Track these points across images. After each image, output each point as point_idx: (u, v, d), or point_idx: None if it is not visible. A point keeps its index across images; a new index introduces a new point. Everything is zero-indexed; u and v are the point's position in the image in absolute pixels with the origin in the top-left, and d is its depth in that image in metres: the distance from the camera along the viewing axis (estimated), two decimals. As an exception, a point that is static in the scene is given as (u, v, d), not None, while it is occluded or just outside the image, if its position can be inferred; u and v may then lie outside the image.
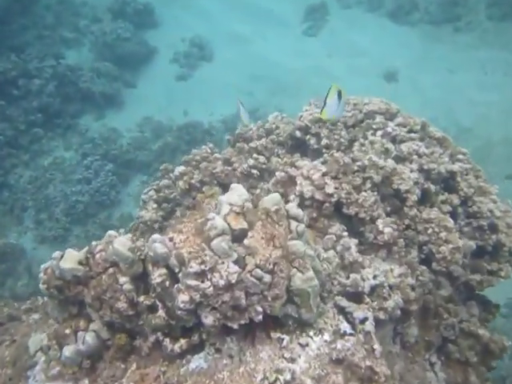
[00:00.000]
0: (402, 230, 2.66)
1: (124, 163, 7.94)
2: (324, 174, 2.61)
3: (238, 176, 2.95)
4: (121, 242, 2.21)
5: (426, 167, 2.82)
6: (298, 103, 8.50)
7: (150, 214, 3.09)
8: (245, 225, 2.12)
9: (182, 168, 3.04)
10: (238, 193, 2.29)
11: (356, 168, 2.65)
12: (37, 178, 7.88)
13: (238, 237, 2.12)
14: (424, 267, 2.60)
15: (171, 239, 2.10)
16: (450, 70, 8.44)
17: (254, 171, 2.83)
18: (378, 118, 3.08)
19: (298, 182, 2.60)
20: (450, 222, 2.65)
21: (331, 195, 2.55)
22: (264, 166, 2.86)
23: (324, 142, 2.90)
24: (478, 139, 7.16)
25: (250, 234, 2.11)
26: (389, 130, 2.91)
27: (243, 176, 2.89)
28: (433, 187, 2.80)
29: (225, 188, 3.04)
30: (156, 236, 2.09)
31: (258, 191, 2.76)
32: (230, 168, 3.01)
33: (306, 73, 8.97)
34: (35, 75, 8.82)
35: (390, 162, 2.72)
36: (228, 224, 2.12)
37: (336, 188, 2.57)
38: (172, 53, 10.27)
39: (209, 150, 3.34)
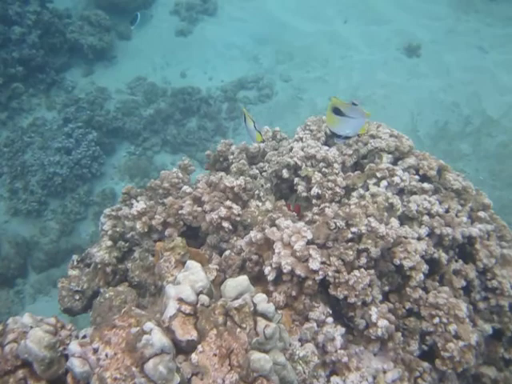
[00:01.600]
0: (400, 315, 2.22)
1: (110, 131, 7.44)
2: (309, 243, 2.14)
3: (207, 221, 2.48)
4: (36, 338, 1.78)
5: (438, 232, 2.35)
6: (306, 75, 7.88)
7: (102, 254, 2.65)
8: (194, 335, 1.70)
9: (140, 205, 2.57)
10: (192, 277, 1.85)
11: (350, 235, 2.18)
12: (14, 141, 7.39)
13: (185, 347, 1.71)
14: (426, 365, 2.17)
15: (96, 351, 1.67)
16: (482, 48, 7.72)
17: (226, 224, 2.36)
18: (385, 158, 2.58)
19: (276, 251, 2.14)
20: (463, 310, 2.19)
21: (316, 272, 2.10)
22: (238, 219, 2.38)
23: (315, 191, 2.41)
24: (505, 133, 6.58)
25: (200, 347, 1.68)
26: (396, 180, 2.41)
27: (213, 227, 2.42)
28: (444, 257, 2.34)
29: (192, 232, 2.59)
30: (74, 348, 1.66)
31: (227, 252, 2.30)
32: (199, 209, 2.54)
33: (317, 39, 8.26)
34: (16, 21, 8.17)
35: (394, 226, 2.24)
36: (173, 331, 1.70)
37: (323, 263, 2.11)
38: (172, 2, 9.52)
39: (180, 175, 2.87)
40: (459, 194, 2.57)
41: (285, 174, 2.59)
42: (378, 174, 2.43)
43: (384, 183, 2.42)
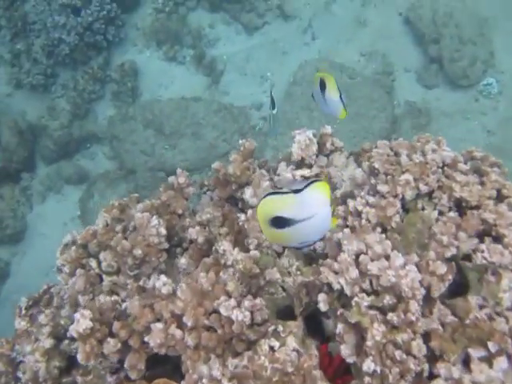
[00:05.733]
0: None
1: (130, -20, 6.12)
2: None
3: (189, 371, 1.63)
4: None
5: None
6: None
7: (36, 364, 1.89)
8: None
9: (84, 323, 1.70)
10: None
11: None
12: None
13: None
14: None
15: None
16: None
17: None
18: (507, 282, 1.55)
19: None
20: None
21: None
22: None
23: (370, 366, 1.44)
24: None
25: None
26: None
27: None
28: None
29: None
30: None
31: None
32: (179, 334, 1.67)
33: None
34: None
35: None
36: None
37: None
38: None
39: (162, 231, 1.94)
40: None
41: (322, 305, 1.60)
42: (493, 346, 1.42)
43: (502, 363, 1.42)
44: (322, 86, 1.87)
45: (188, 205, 2.22)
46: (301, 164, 2.07)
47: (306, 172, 2.03)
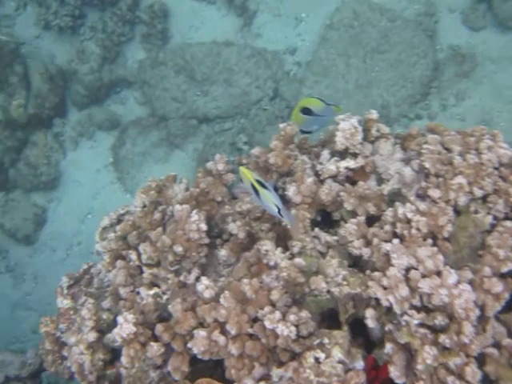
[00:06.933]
0: None
1: None
2: None
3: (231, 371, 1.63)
4: None
5: None
6: None
7: (80, 356, 1.92)
8: None
9: (128, 328, 1.70)
10: None
11: None
12: None
13: None
14: None
15: None
16: None
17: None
18: None
19: None
20: None
21: None
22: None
23: None
24: None
25: None
26: None
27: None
28: None
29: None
30: None
31: None
32: (222, 340, 1.66)
33: None
34: None
35: None
36: None
37: None
38: None
39: (203, 227, 1.91)
40: None
41: (370, 321, 1.57)
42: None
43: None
44: (307, 111, 1.83)
45: (227, 191, 2.17)
46: (345, 153, 1.98)
47: (350, 164, 1.94)
